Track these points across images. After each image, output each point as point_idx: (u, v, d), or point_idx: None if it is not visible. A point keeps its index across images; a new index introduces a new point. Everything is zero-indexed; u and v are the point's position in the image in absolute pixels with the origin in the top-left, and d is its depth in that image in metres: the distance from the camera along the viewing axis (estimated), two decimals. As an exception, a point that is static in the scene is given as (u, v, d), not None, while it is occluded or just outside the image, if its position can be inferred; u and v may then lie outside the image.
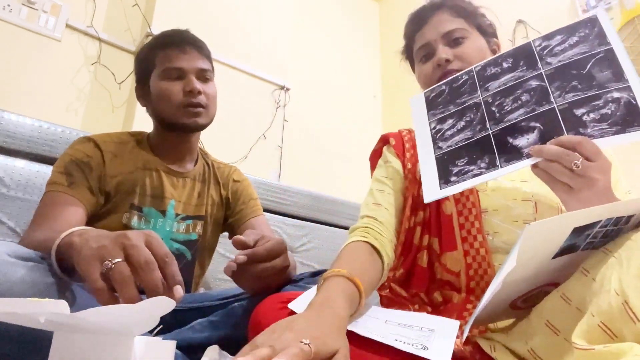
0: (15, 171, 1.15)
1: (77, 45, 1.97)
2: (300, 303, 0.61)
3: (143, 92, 1.10)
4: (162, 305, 0.46)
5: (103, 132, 1.08)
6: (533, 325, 0.56)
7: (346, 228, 1.73)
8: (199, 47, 1.08)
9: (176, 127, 1.05)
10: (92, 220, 0.96)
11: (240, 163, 2.15)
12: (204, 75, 1.06)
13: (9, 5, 1.79)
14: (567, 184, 0.64)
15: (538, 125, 0.69)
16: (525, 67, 0.73)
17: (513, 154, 0.69)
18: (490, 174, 0.70)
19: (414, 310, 0.81)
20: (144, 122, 1.20)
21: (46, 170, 1.18)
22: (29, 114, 1.25)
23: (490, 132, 0.73)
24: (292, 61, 2.58)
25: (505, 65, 0.75)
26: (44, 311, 0.44)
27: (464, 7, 0.93)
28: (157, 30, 1.96)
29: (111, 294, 0.52)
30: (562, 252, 0.55)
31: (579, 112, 0.66)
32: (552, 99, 0.68)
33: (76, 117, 1.93)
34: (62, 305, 0.44)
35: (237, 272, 0.74)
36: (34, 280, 0.58)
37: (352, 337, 0.54)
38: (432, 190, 0.74)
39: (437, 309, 0.80)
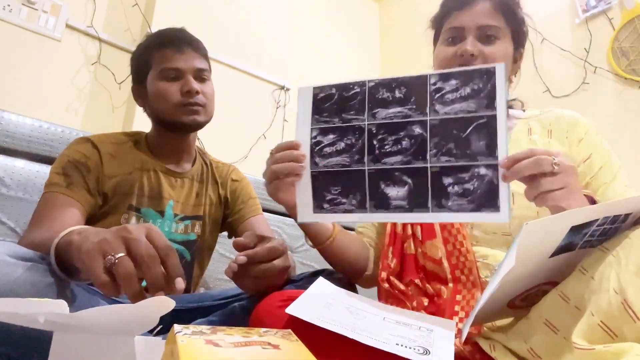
0: (15, 171, 1.15)
1: (77, 45, 1.97)
2: (299, 305, 0.61)
3: (140, 92, 1.09)
4: (162, 305, 0.46)
5: (102, 132, 1.08)
6: (532, 325, 0.56)
7: (346, 228, 1.73)
8: (195, 46, 1.08)
9: (175, 126, 1.05)
10: (90, 221, 0.96)
11: (240, 163, 2.15)
12: (201, 75, 1.06)
13: (9, 5, 1.79)
14: (545, 190, 0.63)
15: (409, 181, 0.69)
16: (414, 107, 0.70)
17: (382, 202, 0.71)
18: (359, 215, 0.72)
19: (412, 308, 0.81)
20: (144, 122, 1.20)
21: (46, 170, 1.18)
22: (29, 114, 1.25)
23: (366, 168, 0.72)
24: (292, 61, 2.58)
25: (397, 94, 0.72)
26: (43, 311, 0.44)
27: (509, 5, 0.91)
28: (157, 30, 1.96)
29: (116, 286, 0.52)
30: (559, 250, 0.56)
31: (446, 180, 0.67)
32: (427, 157, 0.68)
33: (76, 117, 1.92)
34: (62, 305, 0.44)
35: (238, 273, 0.74)
36: (34, 281, 0.58)
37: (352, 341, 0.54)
38: (305, 212, 0.76)
39: (432, 301, 0.81)
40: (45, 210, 0.88)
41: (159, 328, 0.52)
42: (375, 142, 0.72)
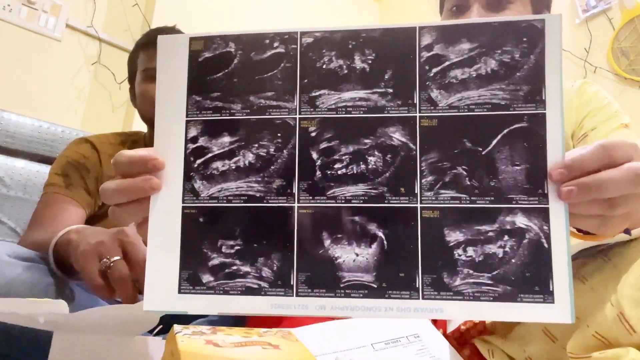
0: (15, 171, 1.15)
1: (77, 45, 1.97)
2: (303, 332, 0.58)
3: (133, 93, 1.10)
4: (162, 305, 0.46)
5: (102, 133, 1.08)
6: (531, 332, 0.56)
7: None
8: None
9: None
10: (90, 221, 0.96)
11: (240, 163, 2.15)
12: None
13: (9, 5, 1.79)
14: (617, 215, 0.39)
15: (381, 235, 0.38)
16: (392, 89, 0.39)
17: (324, 279, 0.38)
18: (275, 301, 0.38)
19: None
20: (144, 123, 1.20)
21: (46, 170, 1.18)
22: (29, 114, 1.25)
23: (295, 205, 0.39)
24: (292, 61, 2.58)
25: (358, 60, 0.40)
26: (43, 311, 0.44)
27: None
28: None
29: (110, 290, 0.53)
30: None
31: (452, 237, 0.37)
32: (416, 188, 0.38)
33: (76, 117, 1.92)
34: (62, 305, 0.44)
35: None
36: (34, 281, 0.58)
37: None
38: (161, 290, 0.39)
39: None
40: (45, 210, 0.88)
41: (159, 328, 0.52)
42: (315, 156, 0.39)
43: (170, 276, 0.39)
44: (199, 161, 0.41)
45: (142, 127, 1.18)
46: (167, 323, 0.50)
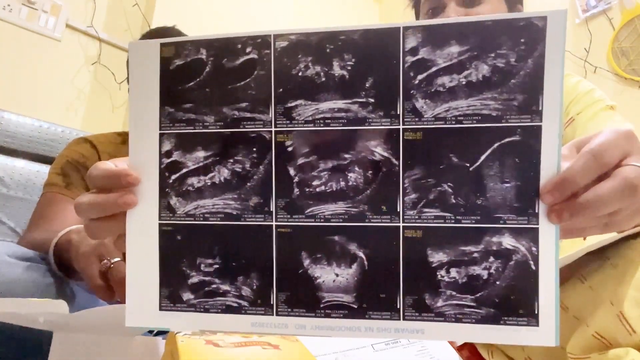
0: (15, 171, 1.15)
1: (77, 45, 1.97)
2: None
3: None
4: (162, 305, 0.46)
5: (101, 132, 1.08)
6: None
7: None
8: None
9: None
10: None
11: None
12: None
13: (9, 5, 1.79)
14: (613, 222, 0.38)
15: (361, 255, 0.37)
16: (373, 99, 0.36)
17: (304, 299, 0.37)
18: (255, 320, 0.38)
19: None
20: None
21: (46, 170, 1.18)
22: (29, 114, 1.25)
23: (273, 223, 0.38)
24: (292, 61, 2.58)
25: (336, 67, 0.37)
26: (43, 311, 0.44)
27: None
28: (157, 30, 1.96)
29: (110, 291, 0.53)
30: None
31: (435, 257, 0.36)
32: (399, 207, 0.36)
33: (76, 117, 1.93)
34: (62, 305, 0.44)
35: None
36: (34, 281, 0.58)
37: None
38: (142, 307, 0.39)
39: None
40: (44, 210, 0.88)
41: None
42: (292, 172, 0.38)
43: (151, 293, 0.38)
44: (174, 177, 0.39)
45: (142, 127, 1.18)
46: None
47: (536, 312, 0.34)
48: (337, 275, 0.37)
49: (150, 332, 0.55)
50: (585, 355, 0.44)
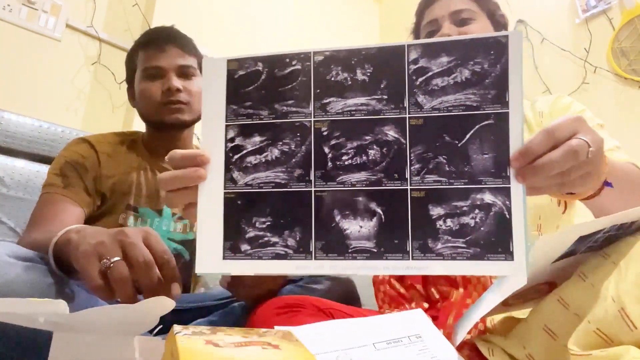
0: (15, 171, 1.15)
1: (77, 45, 1.97)
2: (304, 331, 0.57)
3: (131, 93, 1.10)
4: (162, 305, 0.46)
5: (101, 133, 1.08)
6: (531, 330, 0.56)
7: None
8: (180, 43, 1.06)
9: (160, 125, 1.05)
10: (89, 221, 0.97)
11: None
12: (185, 72, 1.05)
13: (9, 5, 1.79)
14: (566, 182, 0.48)
15: (379, 211, 0.48)
16: (386, 97, 0.49)
17: (336, 243, 0.48)
18: (298, 263, 0.48)
19: (410, 308, 0.81)
20: (143, 122, 1.20)
21: (46, 170, 1.18)
22: (29, 114, 1.25)
23: (312, 189, 0.49)
24: (292, 61, 2.58)
25: (359, 76, 0.50)
26: (43, 311, 0.44)
27: None
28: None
29: (110, 290, 0.52)
30: (562, 256, 0.55)
31: (435, 211, 0.47)
32: (407, 174, 0.48)
33: (76, 117, 1.92)
34: (62, 305, 0.44)
35: (233, 283, 0.74)
36: (34, 281, 0.58)
37: None
38: (209, 257, 0.50)
39: (434, 306, 0.80)
40: (44, 210, 0.89)
41: (159, 328, 0.52)
42: (327, 150, 0.50)
43: (216, 246, 0.50)
44: (236, 156, 0.51)
45: (142, 127, 1.18)
46: (167, 323, 0.50)
47: (511, 250, 0.45)
48: (360, 227, 0.48)
49: (150, 332, 0.55)
50: (587, 352, 0.44)
